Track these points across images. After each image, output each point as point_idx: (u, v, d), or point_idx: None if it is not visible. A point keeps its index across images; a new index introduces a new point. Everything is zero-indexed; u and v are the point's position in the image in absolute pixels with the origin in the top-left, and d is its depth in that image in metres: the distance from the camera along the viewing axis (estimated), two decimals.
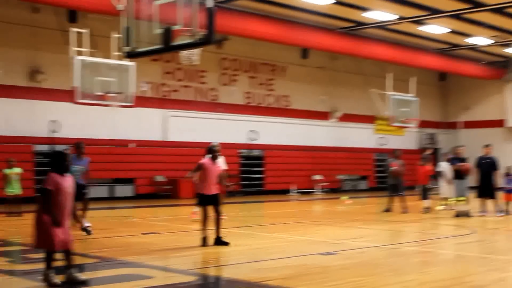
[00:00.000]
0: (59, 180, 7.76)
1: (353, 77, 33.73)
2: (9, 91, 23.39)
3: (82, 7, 21.71)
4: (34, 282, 8.25)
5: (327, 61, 32.92)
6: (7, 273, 8.88)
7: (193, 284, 8.36)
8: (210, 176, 11.53)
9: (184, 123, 27.99)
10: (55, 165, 7.86)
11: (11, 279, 8.55)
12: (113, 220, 17.37)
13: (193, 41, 10.70)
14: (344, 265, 9.75)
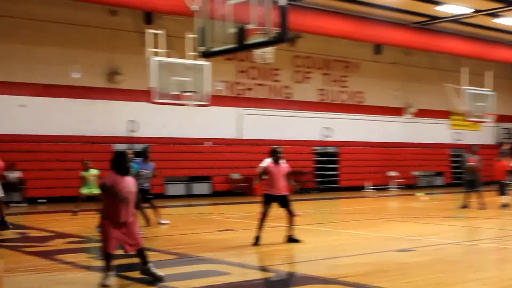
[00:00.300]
0: (118, 180, 7.83)
1: (428, 72, 33.19)
2: (89, 92, 24.14)
3: (157, 9, 22.17)
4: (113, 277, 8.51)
5: (401, 57, 32.50)
6: (87, 269, 9.16)
7: (270, 281, 8.43)
8: (275, 177, 11.51)
9: (258, 121, 28.19)
10: (115, 165, 7.95)
11: (91, 274, 8.81)
12: (191, 217, 17.64)
13: (267, 39, 10.76)
14: (421, 261, 9.64)
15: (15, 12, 22.48)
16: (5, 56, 22.50)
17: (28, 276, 8.61)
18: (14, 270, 9.16)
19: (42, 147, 22.22)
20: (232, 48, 11.73)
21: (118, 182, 7.79)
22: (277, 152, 11.67)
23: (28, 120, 22.83)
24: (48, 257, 10.22)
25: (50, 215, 18.42)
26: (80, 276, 8.82)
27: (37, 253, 10.69)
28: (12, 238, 13.13)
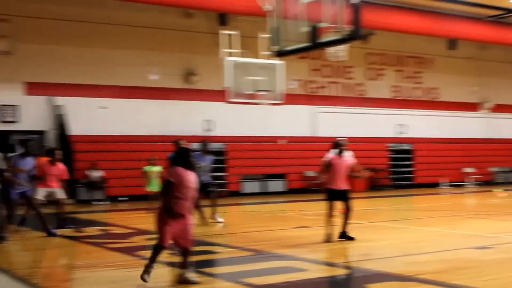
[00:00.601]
0: (183, 174, 7.85)
1: (504, 66, 32.44)
2: (166, 93, 24.72)
3: (231, 10, 22.49)
4: (191, 273, 8.73)
5: (476, 51, 31.86)
6: (168, 265, 9.42)
7: (346, 277, 8.45)
8: (338, 171, 11.34)
9: (332, 118, 28.21)
10: (180, 161, 8.00)
11: (172, 270, 9.06)
12: (267, 214, 17.80)
13: (340, 37, 10.83)
14: (501, 259, 9.51)
15: (96, 18, 23.27)
16: (87, 60, 23.30)
17: (110, 272, 8.90)
18: (97, 265, 9.48)
19: (123, 147, 22.87)
20: (305, 47, 11.84)
21: (183, 176, 7.82)
22: (341, 145, 11.46)
23: (109, 121, 23.55)
24: (129, 253, 10.52)
25: (130, 212, 18.92)
26: (161, 272, 9.06)
27: (118, 249, 11.01)
28: (95, 235, 13.54)
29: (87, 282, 8.36)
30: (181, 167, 7.88)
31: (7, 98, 22.20)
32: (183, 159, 7.94)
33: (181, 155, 8.06)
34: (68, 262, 10.53)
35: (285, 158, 26.04)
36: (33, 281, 8.16)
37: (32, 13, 22.29)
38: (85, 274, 8.89)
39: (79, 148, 22.35)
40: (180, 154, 8.09)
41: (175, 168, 7.88)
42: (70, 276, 9.15)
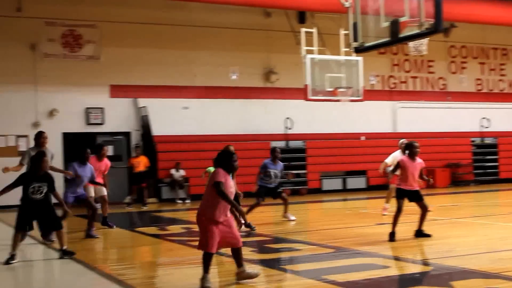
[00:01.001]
0: (227, 176, 7.68)
1: None
2: (247, 92, 24.96)
3: (310, 8, 22.48)
4: (274, 270, 8.81)
5: None
6: (249, 262, 9.52)
7: (429, 274, 8.36)
8: (410, 173, 11.26)
9: (413, 114, 27.82)
10: (222, 163, 7.79)
11: (253, 267, 9.16)
12: (348, 211, 17.78)
13: (421, 31, 10.68)
14: None
15: (177, 20, 23.73)
16: (169, 62, 23.78)
17: (194, 269, 9.05)
18: (182, 262, 9.68)
19: (204, 146, 23.16)
20: (385, 42, 11.75)
21: (226, 179, 7.68)
22: (415, 147, 11.39)
23: (191, 121, 23.95)
24: None
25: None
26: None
27: None
28: (178, 233, 13.83)
29: (172, 278, 8.54)
30: (222, 169, 7.70)
31: (94, 101, 22.90)
32: (226, 162, 7.78)
33: (224, 157, 7.86)
34: (153, 259, 10.77)
35: (365, 155, 25.84)
36: (120, 278, 8.39)
37: (116, 18, 22.93)
38: (170, 271, 9.10)
39: (162, 148, 22.82)
40: (223, 156, 7.88)
41: (220, 170, 7.67)
42: (156, 273, 9.36)
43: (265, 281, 8.20)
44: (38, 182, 9.69)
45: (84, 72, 22.68)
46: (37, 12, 22.04)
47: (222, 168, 7.70)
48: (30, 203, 9.71)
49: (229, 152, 7.96)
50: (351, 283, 7.63)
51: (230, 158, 7.76)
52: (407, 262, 8.94)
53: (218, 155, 7.89)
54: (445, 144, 27.43)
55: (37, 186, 9.66)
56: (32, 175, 9.83)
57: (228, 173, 7.69)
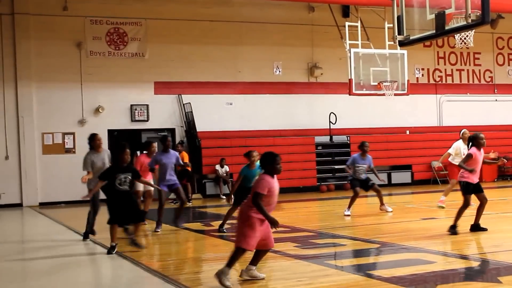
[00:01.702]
0: (271, 183, 7.64)
1: None
2: (291, 87, 24.97)
3: (354, 1, 22.32)
4: (319, 266, 8.79)
5: None
6: (294, 257, 9.52)
7: (475, 270, 8.29)
8: (478, 165, 11.23)
9: (458, 107, 27.50)
10: (266, 166, 7.76)
11: (298, 262, 9.16)
12: (393, 206, 17.61)
13: (468, 23, 10.49)
14: None
15: (221, 16, 23.93)
16: (212, 58, 23.94)
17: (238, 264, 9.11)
18: (226, 258, 9.69)
19: (249, 142, 23.23)
20: (430, 35, 11.58)
21: (271, 185, 7.63)
22: (481, 138, 11.34)
23: (234, 117, 24.05)
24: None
25: None
26: (287, 264, 9.20)
27: None
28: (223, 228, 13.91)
29: None
30: (268, 174, 7.69)
31: (139, 98, 23.15)
32: (269, 164, 7.74)
33: (268, 160, 7.78)
34: (197, 255, 10.83)
35: (410, 149, 25.62)
36: (166, 273, 8.49)
37: (160, 15, 23.18)
38: (216, 267, 9.10)
39: (206, 144, 22.95)
40: (267, 159, 7.79)
41: (264, 177, 7.65)
42: (201, 268, 9.41)
43: (309, 276, 8.19)
44: (123, 173, 10.16)
45: (129, 69, 22.95)
46: (83, 10, 22.40)
47: (266, 170, 7.71)
48: (117, 194, 10.17)
49: (273, 155, 7.81)
50: (397, 279, 7.58)
51: (274, 161, 7.70)
52: (454, 257, 8.84)
53: (262, 158, 7.86)
54: (493, 138, 26.97)
55: (123, 177, 10.13)
56: (117, 167, 10.28)
57: (272, 177, 7.68)
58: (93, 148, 11.88)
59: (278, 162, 7.70)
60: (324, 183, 24.12)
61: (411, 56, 20.96)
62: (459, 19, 10.76)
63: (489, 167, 26.11)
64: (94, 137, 11.99)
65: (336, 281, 7.74)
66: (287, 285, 7.63)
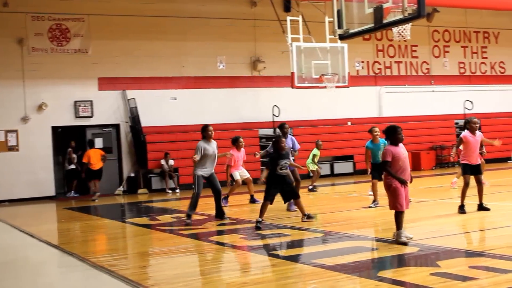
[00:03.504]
0: (394, 150, 9.00)
1: None
2: (235, 81, 25.10)
3: None
4: (264, 256, 9.00)
5: None
6: (240, 249, 9.67)
7: (417, 255, 8.50)
8: (471, 147, 12.04)
9: (398, 98, 28.11)
10: (390, 138, 9.14)
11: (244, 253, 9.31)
12: (336, 196, 17.96)
13: (404, 16, 10.78)
14: None
15: (164, 12, 23.82)
16: (157, 53, 23.85)
17: (185, 257, 9.22)
18: (173, 251, 9.79)
19: (193, 136, 23.29)
20: (369, 28, 11.84)
21: (395, 152, 9.01)
22: (473, 122, 12.07)
23: (179, 112, 24.05)
24: (204, 239, 10.85)
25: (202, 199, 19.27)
26: (234, 255, 9.37)
27: (193, 235, 11.32)
28: (169, 222, 13.98)
29: (164, 268, 8.66)
30: (392, 145, 9.09)
31: (83, 94, 22.95)
32: (393, 136, 9.09)
33: (391, 133, 9.12)
34: (144, 249, 10.85)
35: (352, 140, 26.06)
36: (112, 269, 8.50)
37: (103, 11, 22.99)
38: (162, 260, 9.23)
39: (151, 139, 22.95)
40: (390, 132, 9.13)
41: (389, 147, 9.09)
42: (147, 262, 9.49)
43: (255, 267, 8.37)
44: (283, 159, 11.72)
45: (72, 65, 22.73)
46: (24, 6, 22.06)
47: (391, 141, 9.14)
48: (277, 178, 11.63)
49: (394, 127, 9.16)
50: (340, 266, 7.80)
51: (395, 132, 9.09)
52: (395, 244, 9.08)
53: (385, 131, 9.26)
54: (430, 127, 27.72)
55: (284, 163, 11.67)
56: (278, 155, 11.78)
57: (396, 145, 9.07)
58: (205, 137, 13.23)
59: (399, 132, 9.09)
60: None
61: (351, 49, 21.34)
62: (396, 13, 11.05)
63: (427, 156, 26.87)
64: (206, 128, 13.36)
65: (281, 271, 7.92)
66: (233, 276, 7.78)
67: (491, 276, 6.92)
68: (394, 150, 9.03)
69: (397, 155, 8.99)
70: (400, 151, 9.06)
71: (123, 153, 23.39)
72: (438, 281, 6.80)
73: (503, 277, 6.78)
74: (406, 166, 9.08)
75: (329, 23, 19.33)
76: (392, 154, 9.00)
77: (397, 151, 9.03)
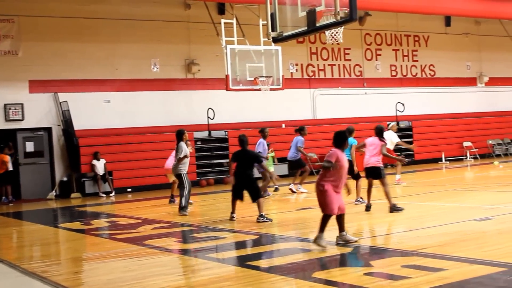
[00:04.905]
0: (341, 156, 8.98)
1: (498, 40, 32.49)
2: (169, 84, 24.94)
3: None
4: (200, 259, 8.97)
5: (471, 27, 32.10)
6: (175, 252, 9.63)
7: (350, 255, 8.61)
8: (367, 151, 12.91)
9: (331, 100, 28.45)
10: (339, 143, 9.15)
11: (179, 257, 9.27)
12: (271, 198, 18.01)
13: (337, 20, 10.88)
14: (501, 229, 9.75)
15: (97, 14, 23.46)
16: (89, 56, 23.48)
17: (120, 262, 9.12)
18: (107, 256, 9.68)
19: (127, 139, 23.11)
20: (302, 31, 11.91)
21: (341, 157, 8.96)
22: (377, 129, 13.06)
23: (113, 115, 23.74)
24: (138, 243, 10.72)
25: (137, 203, 19.16)
26: (169, 259, 9.30)
27: (127, 240, 11.20)
28: (103, 227, 13.83)
29: (98, 273, 8.56)
30: (338, 149, 9.07)
31: (13, 97, 22.40)
32: (340, 142, 9.15)
33: (340, 138, 9.19)
34: (78, 254, 10.69)
35: (287, 142, 26.14)
36: (44, 275, 8.34)
37: (34, 12, 22.47)
38: (96, 265, 9.11)
39: (84, 142, 22.58)
40: (338, 137, 9.18)
41: (335, 150, 9.04)
42: (81, 268, 9.35)
43: (191, 270, 8.34)
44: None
45: (2, 67, 22.14)
46: None
47: (338, 147, 9.14)
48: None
49: (343, 133, 9.38)
50: (276, 268, 7.85)
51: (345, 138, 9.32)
52: (330, 245, 9.18)
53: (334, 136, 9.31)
54: (363, 129, 28.08)
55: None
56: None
57: (342, 151, 9.11)
58: (182, 140, 14.91)
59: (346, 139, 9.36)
60: (204, 177, 24.32)
61: (285, 52, 21.48)
62: (329, 17, 11.15)
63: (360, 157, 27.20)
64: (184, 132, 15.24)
65: (217, 273, 7.92)
66: (169, 280, 7.72)
67: (423, 274, 7.04)
68: (340, 155, 9.02)
69: (341, 161, 8.98)
70: (344, 158, 9.08)
71: (56, 157, 22.91)
72: (371, 280, 6.90)
73: (434, 275, 6.92)
74: (345, 174, 9.10)
75: (263, 26, 19.39)
76: (338, 158, 8.96)
77: (342, 157, 9.04)
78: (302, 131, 18.92)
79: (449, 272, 7.03)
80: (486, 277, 6.75)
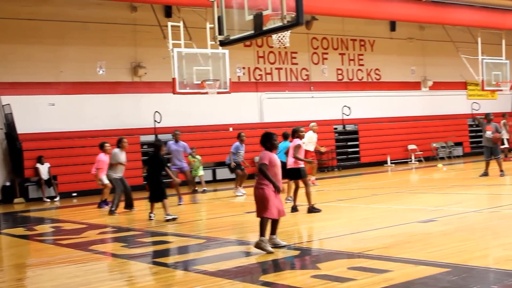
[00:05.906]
0: (271, 156, 9.05)
1: (443, 45, 33.07)
2: (115, 87, 24.68)
3: (176, 2, 22.42)
4: (146, 264, 8.90)
5: (416, 32, 32.77)
6: (120, 257, 9.50)
7: (297, 258, 8.65)
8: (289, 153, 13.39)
9: (278, 104, 28.57)
10: (267, 144, 9.13)
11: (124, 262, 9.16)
12: (217, 202, 18.01)
13: (283, 24, 10.94)
14: (444, 231, 9.90)
15: (42, 15, 23.07)
16: (33, 58, 23.07)
17: (64, 268, 8.99)
18: (52, 262, 9.55)
19: (72, 143, 22.78)
20: (249, 35, 11.94)
21: (272, 158, 9.03)
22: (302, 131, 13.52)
23: (57, 118, 23.36)
24: (83, 248, 10.60)
25: (82, 208, 18.91)
26: (114, 264, 9.20)
27: (72, 245, 11.06)
28: (47, 232, 13.61)
29: (43, 279, 8.42)
30: (268, 150, 9.11)
31: None
32: (269, 143, 9.14)
33: (266, 139, 9.17)
34: (21, 261, 10.49)
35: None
36: None
37: None
38: (40, 272, 8.95)
39: (28, 146, 22.16)
40: (265, 138, 9.18)
41: (265, 152, 9.06)
42: (25, 274, 9.19)
43: (137, 275, 8.26)
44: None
45: None
46: None
47: (266, 147, 9.13)
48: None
49: (269, 133, 9.27)
50: (223, 272, 7.83)
51: (271, 138, 9.17)
52: (277, 247, 9.19)
53: (261, 138, 9.26)
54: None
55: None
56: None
57: (271, 152, 9.13)
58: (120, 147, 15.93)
59: (275, 139, 9.18)
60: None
61: (232, 56, 21.49)
62: (276, 20, 11.20)
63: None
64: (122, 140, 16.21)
65: (163, 278, 7.88)
66: (115, 285, 7.66)
67: (369, 276, 7.12)
68: (270, 156, 9.08)
69: (273, 161, 9.04)
70: (275, 158, 9.14)
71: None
72: (318, 283, 6.94)
73: (380, 277, 7.01)
74: (279, 174, 9.13)
75: (210, 29, 19.38)
76: (269, 159, 9.02)
77: (273, 157, 9.10)
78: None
79: (394, 274, 7.12)
80: (430, 278, 6.86)
